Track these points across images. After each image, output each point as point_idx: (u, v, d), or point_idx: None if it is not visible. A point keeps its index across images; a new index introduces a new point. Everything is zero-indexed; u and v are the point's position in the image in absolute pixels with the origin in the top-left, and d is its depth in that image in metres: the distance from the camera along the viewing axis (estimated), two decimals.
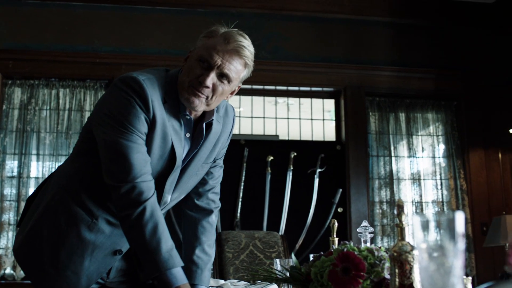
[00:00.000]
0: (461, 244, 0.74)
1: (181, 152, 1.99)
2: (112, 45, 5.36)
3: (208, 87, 1.91)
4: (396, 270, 1.50)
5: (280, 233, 4.78)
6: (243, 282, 2.41)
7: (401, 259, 1.50)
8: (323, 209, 5.33)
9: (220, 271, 3.86)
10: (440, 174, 5.77)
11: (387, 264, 1.76)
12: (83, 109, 5.25)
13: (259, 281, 2.45)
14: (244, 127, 5.73)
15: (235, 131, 5.65)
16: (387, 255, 1.80)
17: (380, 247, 1.83)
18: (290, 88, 5.74)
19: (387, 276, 1.74)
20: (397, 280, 1.50)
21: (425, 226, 0.76)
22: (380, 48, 5.82)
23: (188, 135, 2.03)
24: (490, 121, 5.83)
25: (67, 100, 5.27)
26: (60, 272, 1.95)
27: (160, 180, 1.99)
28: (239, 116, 5.75)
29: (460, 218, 0.74)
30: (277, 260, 2.38)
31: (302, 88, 5.77)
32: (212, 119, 2.05)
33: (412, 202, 5.66)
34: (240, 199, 5.24)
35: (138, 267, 1.83)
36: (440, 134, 5.88)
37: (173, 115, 1.96)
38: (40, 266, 1.96)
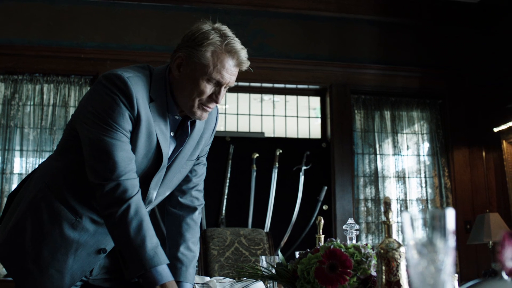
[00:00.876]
0: (452, 241, 0.74)
1: (167, 151, 1.99)
2: (97, 40, 5.32)
3: (218, 102, 1.95)
4: (383, 267, 1.50)
5: (265, 230, 4.77)
6: (228, 279, 2.40)
7: (388, 256, 1.50)
8: (308, 206, 5.34)
9: (205, 268, 3.85)
10: (425, 172, 5.80)
11: (374, 261, 1.76)
12: (67, 105, 5.21)
13: (244, 278, 2.44)
14: (230, 124, 5.72)
15: (221, 128, 5.66)
16: (374, 252, 1.80)
17: (366, 245, 1.83)
18: (276, 85, 5.73)
19: (374, 273, 1.75)
20: (384, 277, 1.50)
21: (415, 223, 0.76)
22: (366, 46, 5.84)
23: (172, 133, 2.03)
24: (474, 119, 5.87)
25: (51, 96, 5.22)
26: (43, 270, 1.92)
27: (146, 178, 1.98)
28: (225, 113, 5.74)
29: (451, 215, 0.74)
30: (263, 257, 2.37)
31: (287, 86, 5.76)
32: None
33: (397, 200, 5.68)
34: (225, 196, 5.23)
35: (122, 265, 1.82)
36: (425, 132, 5.91)
37: (160, 114, 1.95)
38: (23, 264, 1.93)
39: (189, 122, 2.04)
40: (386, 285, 1.48)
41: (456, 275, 1.52)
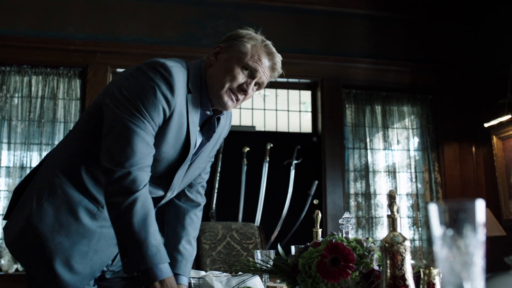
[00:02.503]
0: (482, 234, 0.71)
1: (195, 144, 1.98)
2: (86, 32, 5.25)
3: (247, 94, 1.99)
4: (388, 261, 1.48)
5: (256, 224, 4.75)
6: (224, 274, 2.37)
7: (392, 250, 1.48)
8: (299, 200, 5.32)
9: (197, 263, 3.82)
10: (415, 167, 5.81)
11: (376, 255, 1.74)
12: (56, 97, 5.14)
13: (240, 273, 2.42)
14: None
15: None
16: (376, 246, 1.78)
17: (367, 238, 1.81)
18: None
19: (376, 267, 1.73)
20: (388, 271, 1.48)
21: (443, 215, 0.73)
22: (358, 40, 5.82)
23: (199, 128, 2.03)
24: (464, 115, 5.89)
25: (40, 88, 5.15)
26: (63, 263, 1.85)
27: (170, 171, 1.97)
28: None
29: (481, 207, 0.72)
30: (258, 252, 2.35)
31: (278, 79, 5.73)
32: (223, 114, 2.11)
33: (388, 194, 5.66)
34: (216, 190, 5.20)
35: (121, 256, 1.77)
36: (415, 127, 5.91)
37: (194, 106, 1.94)
38: (42, 258, 1.86)
39: (215, 118, 2.07)
40: (391, 280, 1.46)
41: None
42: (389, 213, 1.53)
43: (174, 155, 1.93)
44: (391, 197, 1.54)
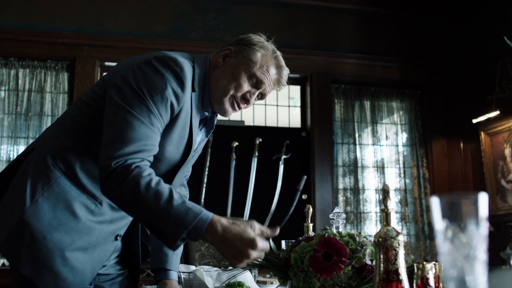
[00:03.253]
0: (485, 228, 0.71)
1: (196, 144, 1.94)
2: (74, 24, 5.20)
3: (249, 104, 1.96)
4: (381, 256, 1.47)
5: (244, 219, 4.73)
6: (215, 269, 2.36)
7: (386, 245, 1.47)
8: (287, 195, 5.31)
9: (185, 257, 3.80)
10: (403, 163, 5.82)
11: (369, 250, 1.74)
12: (43, 90, 5.09)
13: (230, 268, 2.41)
14: None
15: None
16: (368, 240, 1.78)
17: (360, 233, 1.80)
18: None
19: (369, 262, 1.72)
20: (382, 265, 1.47)
21: (445, 209, 0.72)
22: (347, 36, 5.82)
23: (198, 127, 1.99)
24: (452, 110, 5.91)
25: (27, 81, 5.10)
26: (62, 263, 1.73)
27: (171, 171, 1.89)
28: None
29: (483, 200, 0.71)
30: None
31: None
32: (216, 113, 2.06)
33: (376, 190, 5.69)
34: (205, 185, 5.18)
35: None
36: (404, 122, 5.93)
37: (197, 105, 1.88)
38: (38, 258, 1.72)
39: (215, 115, 2.04)
40: (384, 274, 1.46)
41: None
42: (383, 207, 1.53)
43: (177, 155, 1.86)
44: (385, 192, 1.54)
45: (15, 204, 1.75)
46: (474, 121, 5.53)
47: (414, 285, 1.45)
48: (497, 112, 5.23)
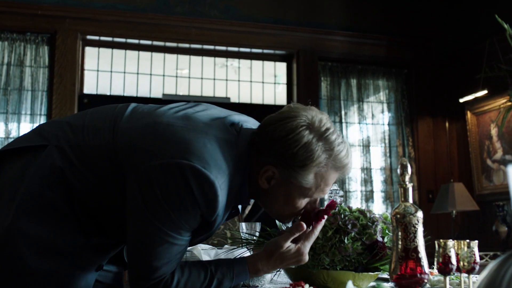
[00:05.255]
0: None
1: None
2: None
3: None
4: (400, 233, 1.41)
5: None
6: (210, 246, 2.29)
7: (405, 221, 1.41)
8: None
9: None
10: (389, 141, 5.79)
11: (380, 226, 1.68)
12: (23, 64, 4.93)
13: (226, 246, 2.35)
14: (194, 89, 5.54)
15: (185, 92, 5.50)
16: (379, 216, 1.72)
17: (370, 210, 1.74)
18: (242, 49, 5.58)
19: (380, 238, 1.66)
20: (400, 243, 1.41)
21: None
22: (334, 12, 5.73)
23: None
24: (439, 90, 5.88)
25: (6, 54, 4.92)
26: None
27: None
28: (189, 77, 5.56)
29: None
30: (243, 224, 2.27)
31: (253, 50, 5.61)
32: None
33: (361, 168, 5.65)
34: None
35: None
36: (390, 101, 5.88)
37: (230, 202, 1.58)
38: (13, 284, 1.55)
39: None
40: (403, 252, 1.40)
41: (476, 241, 1.45)
42: (401, 182, 1.46)
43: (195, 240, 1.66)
44: (403, 166, 1.47)
45: None
46: (461, 100, 5.51)
47: (435, 263, 1.39)
48: (485, 92, 5.20)
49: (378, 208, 5.57)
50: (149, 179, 1.46)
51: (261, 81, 5.72)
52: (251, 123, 1.77)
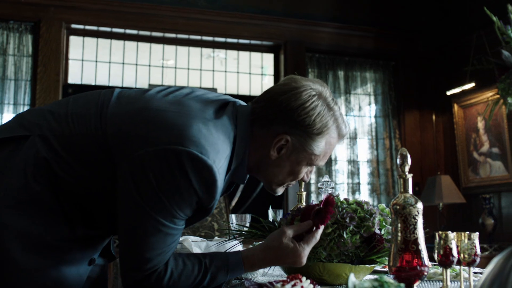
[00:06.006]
0: None
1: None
2: None
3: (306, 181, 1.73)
4: (399, 225, 1.38)
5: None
6: (201, 239, 2.25)
7: (405, 213, 1.38)
8: None
9: None
10: (376, 134, 5.78)
11: (378, 219, 1.65)
12: (6, 53, 4.83)
13: (216, 238, 2.31)
14: (181, 79, 5.48)
15: (171, 82, 5.43)
16: (376, 209, 1.69)
17: (367, 202, 1.71)
18: (229, 40, 5.52)
19: (378, 230, 1.63)
20: (399, 235, 1.38)
21: None
22: (322, 3, 5.69)
23: None
24: (426, 82, 5.87)
25: None
26: None
27: None
28: (175, 68, 5.49)
29: None
30: (233, 216, 2.24)
31: (240, 41, 5.56)
32: None
33: (348, 161, 5.63)
34: None
35: None
36: (377, 93, 5.86)
37: (228, 182, 1.59)
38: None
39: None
40: (403, 244, 1.37)
41: (477, 233, 1.42)
42: (401, 172, 1.43)
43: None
44: (403, 156, 1.44)
45: None
46: (449, 93, 5.51)
47: (435, 255, 1.36)
48: (472, 84, 5.20)
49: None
50: (142, 166, 1.41)
51: (248, 72, 5.68)
52: (241, 102, 1.74)
